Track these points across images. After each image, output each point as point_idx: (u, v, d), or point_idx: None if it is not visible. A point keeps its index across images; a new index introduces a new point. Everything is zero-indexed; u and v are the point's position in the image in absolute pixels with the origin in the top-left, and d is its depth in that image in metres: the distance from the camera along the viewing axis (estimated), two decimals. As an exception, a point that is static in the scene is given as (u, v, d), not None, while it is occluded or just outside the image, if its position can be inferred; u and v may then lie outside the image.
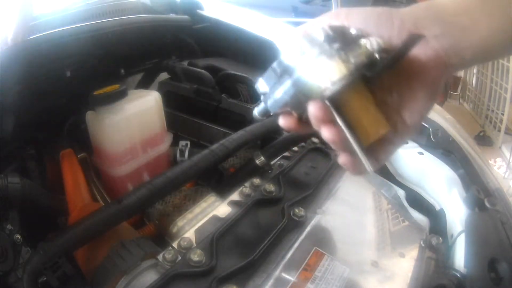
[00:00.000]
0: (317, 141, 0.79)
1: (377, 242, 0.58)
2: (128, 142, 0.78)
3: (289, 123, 0.36)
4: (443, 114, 0.86)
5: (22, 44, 0.72)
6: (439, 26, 0.33)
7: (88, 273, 0.55)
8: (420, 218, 0.68)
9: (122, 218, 0.56)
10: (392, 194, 0.72)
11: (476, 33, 0.33)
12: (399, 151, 0.79)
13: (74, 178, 0.74)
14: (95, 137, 0.78)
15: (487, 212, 0.61)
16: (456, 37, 0.33)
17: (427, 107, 0.35)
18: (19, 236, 0.54)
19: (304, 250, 0.53)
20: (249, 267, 0.49)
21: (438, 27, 0.33)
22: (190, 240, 0.53)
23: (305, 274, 0.49)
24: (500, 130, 2.96)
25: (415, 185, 0.77)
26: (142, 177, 0.83)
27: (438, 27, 0.33)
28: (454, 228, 0.64)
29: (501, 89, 2.94)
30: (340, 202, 0.64)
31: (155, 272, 0.49)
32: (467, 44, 0.33)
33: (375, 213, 0.64)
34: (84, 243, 0.53)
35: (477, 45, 0.33)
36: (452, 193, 0.69)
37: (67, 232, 0.51)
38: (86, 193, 0.73)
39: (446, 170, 0.73)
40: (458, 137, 0.79)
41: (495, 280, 0.48)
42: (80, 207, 0.68)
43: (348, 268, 0.51)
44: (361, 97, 0.33)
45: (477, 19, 0.33)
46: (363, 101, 0.33)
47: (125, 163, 0.78)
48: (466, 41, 0.33)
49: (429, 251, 0.58)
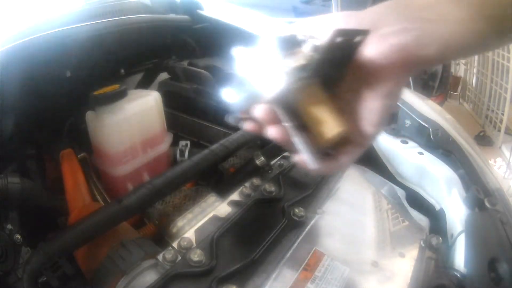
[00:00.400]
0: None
1: (377, 242, 0.58)
2: (128, 142, 0.78)
3: (251, 127, 0.38)
4: (443, 114, 0.86)
5: (22, 44, 0.72)
6: (400, 22, 0.32)
7: (88, 273, 0.55)
8: (420, 218, 0.68)
9: (122, 218, 0.56)
10: (392, 194, 0.72)
11: (442, 26, 0.32)
12: (399, 151, 0.79)
13: (74, 178, 0.74)
14: (95, 137, 0.78)
15: (487, 212, 0.61)
16: (419, 31, 0.32)
17: (385, 107, 0.35)
18: (19, 236, 0.54)
19: (304, 250, 0.53)
20: (249, 267, 0.49)
21: (399, 22, 0.32)
22: (190, 240, 0.53)
23: (305, 274, 0.49)
24: (500, 130, 2.96)
25: (415, 185, 0.77)
26: (142, 177, 0.83)
27: (399, 22, 0.32)
28: (454, 228, 0.64)
29: (501, 89, 2.94)
30: (340, 202, 0.64)
31: (155, 272, 0.49)
32: (432, 38, 0.32)
33: (375, 213, 0.64)
34: (84, 243, 0.53)
35: (442, 39, 0.32)
36: (452, 193, 0.69)
37: (67, 232, 0.51)
38: (86, 193, 0.73)
39: (446, 170, 0.73)
40: (458, 137, 0.78)
41: (495, 280, 0.48)
42: (80, 207, 0.68)
43: (348, 268, 0.51)
44: (315, 98, 0.34)
45: (444, 10, 0.32)
46: (318, 102, 0.34)
47: (125, 163, 0.78)
48: (430, 35, 0.32)
49: (429, 251, 0.58)
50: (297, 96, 0.34)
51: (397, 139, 0.82)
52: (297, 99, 0.34)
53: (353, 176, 0.72)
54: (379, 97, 0.34)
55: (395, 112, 0.86)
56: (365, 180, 0.72)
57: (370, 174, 0.75)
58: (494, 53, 3.03)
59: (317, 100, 0.34)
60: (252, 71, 0.34)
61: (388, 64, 0.33)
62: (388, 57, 0.32)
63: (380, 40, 0.32)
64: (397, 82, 0.34)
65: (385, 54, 0.32)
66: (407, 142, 0.82)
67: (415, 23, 0.32)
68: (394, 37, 0.32)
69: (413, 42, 0.32)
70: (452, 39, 0.32)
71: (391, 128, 0.85)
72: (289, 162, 0.71)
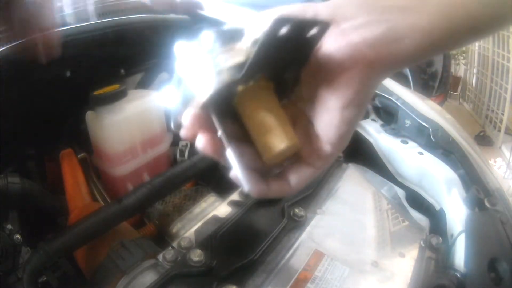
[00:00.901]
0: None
1: (377, 242, 0.58)
2: (128, 142, 0.78)
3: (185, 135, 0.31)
4: (443, 114, 0.86)
5: (22, 44, 0.72)
6: (367, 12, 0.26)
7: (88, 273, 0.55)
8: (420, 218, 0.67)
9: (122, 218, 0.56)
10: (392, 194, 0.72)
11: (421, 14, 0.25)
12: (399, 151, 0.79)
13: (74, 178, 0.74)
14: (95, 137, 0.78)
15: (487, 212, 0.61)
16: (391, 23, 0.26)
17: (345, 120, 0.28)
18: (19, 236, 0.54)
19: (304, 250, 0.53)
20: (249, 267, 0.49)
21: (365, 13, 0.26)
22: (190, 240, 0.53)
23: (305, 274, 0.49)
24: (500, 130, 2.96)
25: (415, 185, 0.77)
26: (142, 177, 0.83)
27: (365, 13, 0.26)
28: (454, 228, 0.64)
29: (501, 89, 2.94)
30: (340, 202, 0.64)
31: (155, 272, 0.49)
32: (408, 30, 0.26)
33: (375, 213, 0.64)
34: (84, 243, 0.53)
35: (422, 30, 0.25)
36: (452, 193, 0.69)
37: (67, 232, 0.51)
38: (86, 193, 0.73)
39: (446, 170, 0.73)
40: (458, 137, 0.78)
41: (495, 280, 0.48)
42: (80, 207, 0.68)
43: (348, 268, 0.51)
44: (260, 103, 0.28)
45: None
46: (263, 108, 0.28)
47: (125, 163, 0.78)
48: (406, 26, 0.26)
49: (429, 251, 0.58)
50: (237, 100, 0.28)
51: (397, 139, 0.82)
52: (238, 103, 0.28)
53: (353, 176, 0.72)
54: (338, 107, 0.27)
55: (395, 112, 0.86)
56: (365, 180, 0.72)
57: (370, 174, 0.75)
58: (494, 53, 3.03)
59: (263, 105, 0.28)
60: (188, 70, 0.28)
61: (349, 66, 0.27)
62: (349, 57, 0.26)
63: (340, 35, 0.26)
64: (360, 88, 0.27)
65: (345, 53, 0.26)
66: (407, 142, 0.82)
67: (385, 13, 0.26)
68: (358, 32, 0.26)
69: (383, 36, 0.26)
70: (435, 29, 0.26)
71: (391, 128, 0.85)
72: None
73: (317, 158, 0.30)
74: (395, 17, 0.26)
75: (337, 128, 0.28)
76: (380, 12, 0.26)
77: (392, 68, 0.28)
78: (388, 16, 0.26)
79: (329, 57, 0.27)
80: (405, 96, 0.87)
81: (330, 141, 0.29)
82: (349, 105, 0.27)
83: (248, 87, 0.28)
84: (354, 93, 0.27)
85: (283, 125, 0.28)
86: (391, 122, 0.87)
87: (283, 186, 0.30)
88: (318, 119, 0.29)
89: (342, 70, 0.27)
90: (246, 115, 0.28)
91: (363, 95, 0.28)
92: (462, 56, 3.64)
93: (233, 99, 0.28)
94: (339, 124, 0.28)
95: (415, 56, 0.27)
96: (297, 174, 0.30)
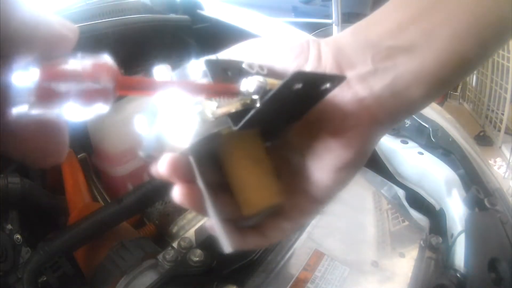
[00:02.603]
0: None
1: (377, 242, 0.58)
2: (128, 142, 0.78)
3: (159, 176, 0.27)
4: (443, 114, 0.86)
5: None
6: (370, 60, 0.23)
7: (88, 273, 0.55)
8: (420, 218, 0.67)
9: (122, 218, 0.56)
10: (392, 194, 0.72)
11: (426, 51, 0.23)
12: (399, 151, 0.79)
13: (74, 178, 0.74)
14: (95, 137, 0.78)
15: (487, 212, 0.61)
16: (396, 71, 0.23)
17: (337, 180, 0.25)
18: (19, 236, 0.54)
19: (304, 250, 0.53)
20: (249, 266, 0.49)
21: (368, 61, 0.23)
22: (190, 240, 0.53)
23: (305, 274, 0.49)
24: (500, 130, 2.96)
25: (415, 185, 0.77)
26: (142, 177, 0.83)
27: (368, 61, 0.23)
28: (454, 228, 0.64)
29: (501, 89, 2.94)
30: (340, 202, 0.64)
31: (155, 272, 0.49)
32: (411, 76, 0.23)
33: (375, 213, 0.64)
34: (84, 243, 0.53)
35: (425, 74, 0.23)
36: (452, 193, 0.69)
37: (67, 232, 0.51)
38: (86, 193, 0.73)
39: (446, 170, 0.73)
40: (458, 137, 0.78)
41: (495, 280, 0.48)
42: (80, 207, 0.68)
43: (348, 268, 0.51)
44: (246, 153, 0.25)
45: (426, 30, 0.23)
46: (249, 158, 0.25)
47: (125, 163, 0.78)
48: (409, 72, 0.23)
49: (429, 251, 0.58)
50: (221, 146, 0.25)
51: (397, 139, 0.82)
52: (222, 150, 0.25)
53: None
54: (333, 168, 0.24)
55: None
56: (365, 180, 0.72)
57: (370, 174, 0.75)
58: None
59: (248, 155, 0.25)
60: (168, 105, 0.24)
61: (353, 123, 0.24)
62: (353, 113, 0.23)
63: (345, 86, 0.23)
64: (361, 149, 0.24)
65: (349, 108, 0.23)
66: (407, 142, 0.82)
67: (390, 57, 0.23)
68: (364, 84, 0.23)
69: (390, 88, 0.23)
70: (445, 68, 0.23)
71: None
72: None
73: (299, 214, 0.27)
74: (401, 62, 0.23)
75: (328, 188, 0.25)
76: (385, 56, 0.23)
77: (396, 121, 0.25)
78: (394, 60, 0.23)
79: (331, 109, 0.24)
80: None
81: (316, 199, 0.26)
82: (346, 167, 0.25)
83: (234, 131, 0.23)
84: (354, 154, 0.24)
85: (268, 180, 0.25)
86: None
87: (260, 239, 0.27)
88: (307, 175, 0.25)
89: (344, 127, 0.24)
90: (229, 165, 0.25)
91: (363, 155, 0.25)
92: (462, 56, 3.63)
93: (215, 143, 0.25)
94: (331, 185, 0.25)
95: (423, 103, 0.25)
96: (275, 228, 0.27)
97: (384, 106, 0.23)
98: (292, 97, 0.21)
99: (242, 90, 0.21)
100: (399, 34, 0.23)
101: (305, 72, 0.21)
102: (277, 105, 0.22)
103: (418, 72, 0.23)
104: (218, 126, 0.22)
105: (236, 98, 0.22)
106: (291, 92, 0.21)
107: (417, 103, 0.24)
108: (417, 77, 0.23)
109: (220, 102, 0.22)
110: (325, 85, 0.22)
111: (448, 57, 0.23)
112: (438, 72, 0.23)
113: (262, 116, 0.22)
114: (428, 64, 0.23)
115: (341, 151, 0.24)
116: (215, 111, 0.22)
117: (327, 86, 0.22)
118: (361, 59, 0.24)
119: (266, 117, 0.23)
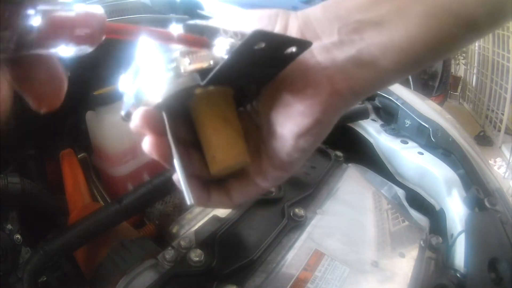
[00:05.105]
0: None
1: (377, 242, 0.58)
2: (128, 142, 0.78)
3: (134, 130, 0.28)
4: (443, 114, 0.86)
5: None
6: (337, 32, 0.23)
7: (88, 273, 0.55)
8: (420, 218, 0.68)
9: (122, 218, 0.56)
10: (392, 194, 0.72)
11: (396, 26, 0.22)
12: (399, 151, 0.79)
13: (74, 178, 0.74)
14: (95, 137, 0.78)
15: (487, 212, 0.61)
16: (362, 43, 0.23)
17: (297, 147, 0.26)
18: (19, 236, 0.54)
19: (304, 250, 0.53)
20: (249, 267, 0.49)
21: (334, 32, 0.23)
22: (190, 240, 0.53)
23: (305, 274, 0.49)
24: (500, 130, 2.96)
25: (415, 185, 0.77)
26: (142, 177, 0.83)
27: (334, 32, 0.23)
28: (454, 228, 0.64)
29: (501, 89, 2.95)
30: (340, 202, 0.64)
31: (155, 272, 0.49)
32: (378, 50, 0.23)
33: (375, 213, 0.64)
34: (84, 243, 0.53)
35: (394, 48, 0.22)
36: (452, 193, 0.69)
37: (67, 232, 0.51)
38: (86, 193, 0.73)
39: (446, 170, 0.73)
40: (458, 137, 0.78)
41: (495, 280, 0.48)
42: (80, 207, 0.68)
43: (348, 268, 0.51)
44: (218, 115, 0.26)
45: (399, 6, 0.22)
46: (221, 121, 0.26)
47: (125, 163, 0.78)
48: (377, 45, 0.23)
49: (429, 251, 0.58)
50: (193, 103, 0.26)
51: (397, 139, 0.82)
52: (194, 107, 0.26)
53: (353, 176, 0.72)
54: (293, 135, 0.25)
55: (395, 112, 0.86)
56: (365, 180, 0.72)
57: (370, 174, 0.75)
58: (494, 53, 3.03)
59: (219, 114, 0.26)
60: (148, 63, 0.25)
61: (313, 92, 0.24)
62: (314, 82, 0.24)
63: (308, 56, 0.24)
64: (321, 118, 0.25)
65: (310, 77, 0.24)
66: (407, 142, 0.82)
67: (358, 30, 0.23)
68: (327, 54, 0.24)
69: (355, 59, 0.23)
70: (416, 44, 0.22)
71: (391, 128, 0.85)
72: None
73: (263, 179, 0.28)
74: (369, 35, 0.23)
75: (288, 155, 0.26)
76: (353, 29, 0.23)
77: (362, 94, 0.25)
78: (361, 34, 0.23)
79: (294, 74, 0.24)
80: (405, 96, 0.87)
81: (279, 165, 0.27)
82: (306, 134, 0.25)
83: (207, 90, 0.25)
84: (314, 123, 0.25)
85: (236, 139, 0.26)
86: (391, 122, 0.87)
87: (224, 199, 0.28)
88: (270, 141, 0.26)
89: (304, 95, 0.24)
90: (200, 122, 0.26)
91: (324, 125, 0.25)
92: (462, 56, 3.65)
93: (188, 101, 0.26)
94: (290, 152, 0.26)
95: (391, 78, 0.25)
96: (240, 191, 0.28)
97: (347, 78, 0.24)
98: (258, 57, 0.22)
99: (213, 44, 0.23)
100: (370, 9, 0.23)
101: (265, 32, 0.21)
102: (242, 63, 0.23)
103: (386, 45, 0.22)
104: (189, 83, 0.24)
105: (208, 57, 0.23)
106: (254, 50, 0.22)
107: (385, 78, 0.24)
108: (384, 51, 0.23)
109: (193, 59, 0.23)
110: (291, 49, 0.23)
111: (420, 32, 0.22)
112: (408, 48, 0.22)
113: (228, 73, 0.23)
114: (398, 39, 0.22)
115: (301, 118, 0.25)
116: (187, 67, 0.23)
117: (293, 50, 0.23)
118: (327, 31, 0.24)
119: (233, 75, 0.24)
